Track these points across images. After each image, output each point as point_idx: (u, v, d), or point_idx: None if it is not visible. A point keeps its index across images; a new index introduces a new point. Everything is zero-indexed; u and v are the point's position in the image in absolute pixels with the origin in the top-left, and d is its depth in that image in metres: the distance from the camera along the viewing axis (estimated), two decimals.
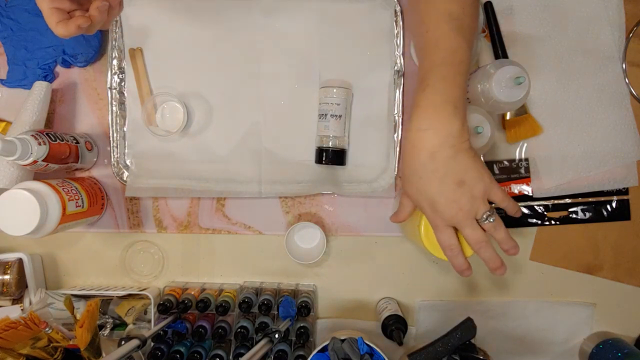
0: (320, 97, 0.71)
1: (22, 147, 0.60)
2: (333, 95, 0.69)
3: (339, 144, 0.70)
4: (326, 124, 0.69)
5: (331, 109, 0.69)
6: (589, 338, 0.76)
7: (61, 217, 0.62)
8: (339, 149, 0.70)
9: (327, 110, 0.69)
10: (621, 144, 0.72)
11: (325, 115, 0.69)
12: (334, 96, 0.69)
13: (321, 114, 0.70)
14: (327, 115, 0.69)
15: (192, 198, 0.75)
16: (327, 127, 0.69)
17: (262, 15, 0.72)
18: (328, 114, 0.69)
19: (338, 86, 0.69)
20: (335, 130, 0.69)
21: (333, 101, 0.69)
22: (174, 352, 0.69)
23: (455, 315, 0.75)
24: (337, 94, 0.69)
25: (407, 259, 0.76)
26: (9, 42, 0.73)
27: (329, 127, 0.69)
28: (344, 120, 0.70)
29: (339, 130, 0.69)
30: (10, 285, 0.72)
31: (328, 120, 0.69)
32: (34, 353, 0.60)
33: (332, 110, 0.69)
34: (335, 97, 0.69)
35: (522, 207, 0.75)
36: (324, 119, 0.69)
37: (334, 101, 0.69)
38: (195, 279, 0.77)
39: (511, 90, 0.60)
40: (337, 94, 0.69)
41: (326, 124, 0.69)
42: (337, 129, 0.69)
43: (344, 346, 0.63)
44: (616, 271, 0.76)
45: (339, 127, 0.69)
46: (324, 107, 0.70)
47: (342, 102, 0.69)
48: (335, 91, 0.69)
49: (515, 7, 0.72)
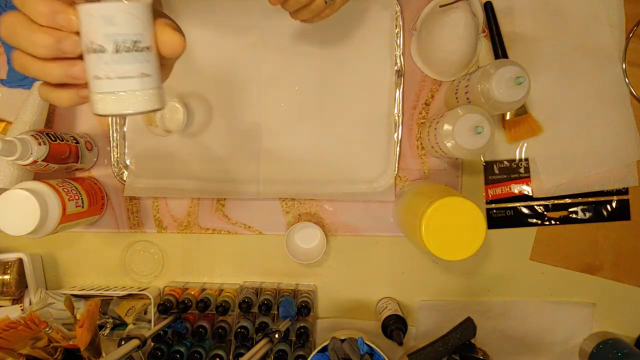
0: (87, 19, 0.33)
1: (22, 147, 0.60)
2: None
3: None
4: (116, 66, 0.33)
5: (124, 32, 0.33)
6: (589, 338, 0.76)
7: (61, 217, 0.62)
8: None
9: (114, 37, 0.32)
10: (621, 144, 0.73)
11: (115, 47, 0.32)
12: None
13: (99, 47, 0.32)
14: (117, 47, 0.32)
15: (192, 198, 0.75)
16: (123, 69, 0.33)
17: (262, 15, 0.72)
18: (121, 42, 0.32)
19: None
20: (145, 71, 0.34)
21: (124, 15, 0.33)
22: (174, 352, 0.69)
23: (455, 315, 0.75)
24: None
25: (407, 259, 0.76)
26: None
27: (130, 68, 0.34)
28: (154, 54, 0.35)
29: (151, 68, 0.35)
30: (10, 285, 0.72)
31: (122, 56, 0.33)
32: (34, 353, 0.60)
33: (125, 33, 0.33)
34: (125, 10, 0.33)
35: (522, 207, 0.75)
36: (116, 54, 0.33)
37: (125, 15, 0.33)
38: (195, 279, 0.77)
39: (511, 90, 0.60)
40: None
41: (116, 64, 0.33)
42: (148, 67, 0.34)
43: (344, 346, 0.63)
44: (616, 271, 0.76)
45: (150, 65, 0.34)
46: (105, 33, 0.32)
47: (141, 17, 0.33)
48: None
49: (515, 7, 0.72)
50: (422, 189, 0.69)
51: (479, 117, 0.61)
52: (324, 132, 0.74)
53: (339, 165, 0.74)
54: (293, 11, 0.56)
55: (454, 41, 0.67)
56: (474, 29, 0.67)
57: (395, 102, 0.73)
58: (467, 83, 0.65)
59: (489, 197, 0.74)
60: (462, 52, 0.68)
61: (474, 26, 0.67)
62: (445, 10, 0.66)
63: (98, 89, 0.34)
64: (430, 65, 0.72)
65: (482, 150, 0.62)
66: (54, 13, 0.32)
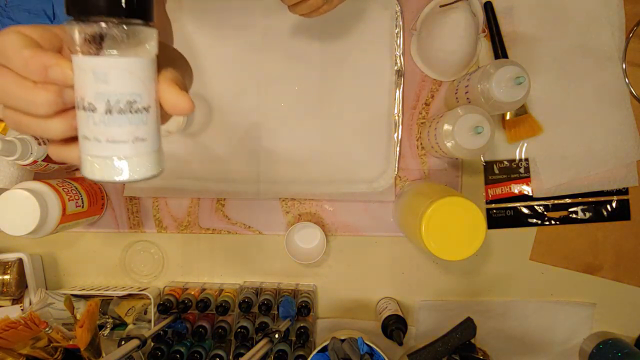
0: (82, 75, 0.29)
1: (22, 147, 0.60)
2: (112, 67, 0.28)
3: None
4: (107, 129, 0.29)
5: (118, 92, 0.29)
6: (589, 338, 0.76)
7: (61, 217, 0.62)
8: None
9: (107, 97, 0.28)
10: (621, 144, 0.73)
11: (106, 107, 0.29)
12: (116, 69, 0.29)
13: (89, 105, 0.29)
14: (109, 107, 0.29)
15: (192, 198, 0.75)
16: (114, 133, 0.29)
17: (263, 15, 0.72)
18: (114, 103, 0.29)
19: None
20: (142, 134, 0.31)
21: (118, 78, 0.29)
22: (174, 352, 0.69)
23: (455, 315, 0.75)
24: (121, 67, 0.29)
25: (407, 259, 0.76)
26: None
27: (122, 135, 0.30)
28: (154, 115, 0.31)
29: (149, 132, 0.31)
30: (10, 285, 0.72)
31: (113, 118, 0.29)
32: (34, 353, 0.60)
33: (119, 93, 0.29)
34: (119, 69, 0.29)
35: (522, 207, 0.75)
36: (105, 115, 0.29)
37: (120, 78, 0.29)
38: (195, 279, 0.77)
39: (511, 90, 0.60)
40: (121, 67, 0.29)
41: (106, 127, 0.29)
42: (146, 132, 0.31)
43: (344, 346, 0.63)
44: (616, 271, 0.76)
45: (146, 128, 0.31)
46: (95, 90, 0.28)
47: (142, 76, 0.30)
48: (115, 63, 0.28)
49: (515, 7, 0.72)
50: (422, 189, 0.69)
51: (479, 117, 0.61)
52: (324, 132, 0.74)
53: (339, 165, 0.74)
54: (291, 5, 0.56)
55: (454, 41, 0.67)
56: (474, 29, 0.67)
57: (395, 102, 0.73)
58: (467, 83, 0.65)
59: (489, 197, 0.74)
60: (462, 52, 0.68)
61: (474, 26, 0.67)
62: (445, 10, 0.66)
63: (86, 150, 0.30)
64: (430, 65, 0.72)
65: (482, 150, 0.62)
66: (46, 67, 0.28)
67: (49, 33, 0.30)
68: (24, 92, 0.29)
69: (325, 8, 0.56)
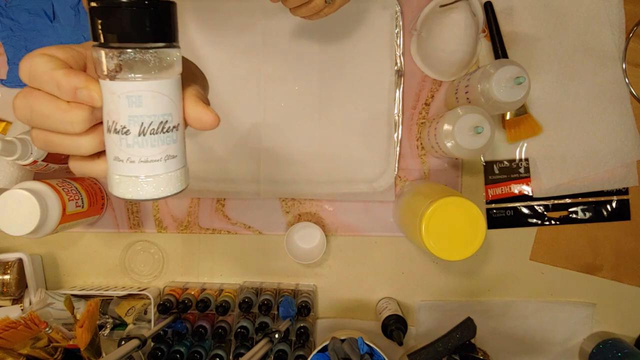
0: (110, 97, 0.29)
1: (22, 147, 0.60)
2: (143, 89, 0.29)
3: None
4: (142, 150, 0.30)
5: (151, 114, 0.30)
6: (589, 338, 0.76)
7: (61, 217, 0.62)
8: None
9: (140, 118, 0.29)
10: (621, 144, 0.73)
11: (140, 129, 0.29)
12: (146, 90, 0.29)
13: (122, 128, 0.29)
14: (143, 129, 0.30)
15: (192, 198, 0.75)
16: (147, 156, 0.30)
17: (263, 15, 0.72)
18: (148, 125, 0.30)
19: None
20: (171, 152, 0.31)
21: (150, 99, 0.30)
22: (174, 352, 0.69)
23: (455, 315, 0.75)
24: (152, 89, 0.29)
25: (407, 259, 0.76)
26: (9, 42, 0.73)
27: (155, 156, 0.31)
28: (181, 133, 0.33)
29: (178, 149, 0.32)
30: (10, 285, 0.72)
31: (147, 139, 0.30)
32: (34, 353, 0.60)
33: (152, 114, 0.30)
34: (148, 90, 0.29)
35: (522, 207, 0.75)
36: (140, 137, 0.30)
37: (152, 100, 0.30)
38: (195, 279, 0.77)
39: (511, 90, 0.60)
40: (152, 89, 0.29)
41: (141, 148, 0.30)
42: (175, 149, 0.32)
43: (344, 346, 0.63)
44: (616, 271, 0.76)
45: (176, 146, 0.32)
46: (128, 114, 0.29)
47: (171, 96, 0.30)
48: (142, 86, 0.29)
49: (515, 7, 0.72)
50: (422, 189, 0.69)
51: (479, 117, 0.61)
52: (324, 132, 0.74)
53: (339, 165, 0.74)
54: (293, 8, 0.56)
55: (454, 41, 0.67)
56: (474, 29, 0.67)
57: (395, 102, 0.73)
58: (467, 83, 0.65)
59: (489, 197, 0.74)
60: (462, 52, 0.68)
61: (474, 26, 0.67)
62: (445, 10, 0.66)
63: (118, 171, 0.30)
64: (430, 65, 0.72)
65: (482, 150, 0.62)
66: (75, 89, 0.29)
67: (74, 52, 0.31)
68: (59, 112, 0.29)
69: (327, 11, 0.56)
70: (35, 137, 0.31)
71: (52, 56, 0.30)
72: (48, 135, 0.31)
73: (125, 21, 0.27)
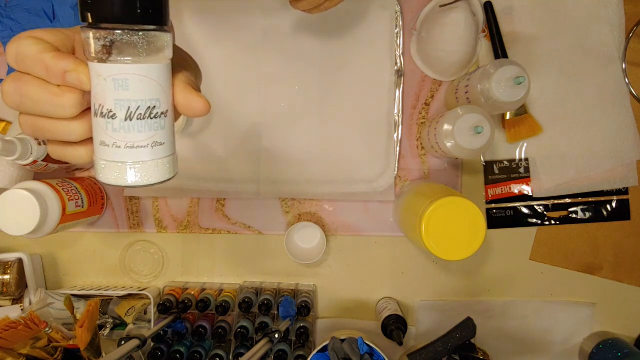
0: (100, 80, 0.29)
1: (22, 147, 0.60)
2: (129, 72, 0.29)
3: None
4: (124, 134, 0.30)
5: (138, 98, 0.29)
6: (589, 338, 0.76)
7: (61, 217, 0.62)
8: None
9: (127, 102, 0.29)
10: (621, 144, 0.73)
11: (126, 114, 0.29)
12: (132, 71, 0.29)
13: (109, 112, 0.29)
14: (129, 114, 0.29)
15: (192, 198, 0.75)
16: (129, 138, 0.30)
17: (263, 15, 0.72)
18: (135, 109, 0.29)
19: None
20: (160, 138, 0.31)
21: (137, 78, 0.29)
22: (174, 352, 0.69)
23: (455, 315, 0.75)
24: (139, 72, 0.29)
25: (407, 259, 0.76)
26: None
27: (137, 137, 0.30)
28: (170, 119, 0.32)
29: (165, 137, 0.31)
30: (10, 285, 0.72)
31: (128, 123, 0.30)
32: (34, 353, 0.60)
33: (140, 99, 0.29)
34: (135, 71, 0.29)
35: (522, 207, 0.75)
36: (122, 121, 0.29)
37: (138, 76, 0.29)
38: (195, 279, 0.77)
39: (511, 90, 0.60)
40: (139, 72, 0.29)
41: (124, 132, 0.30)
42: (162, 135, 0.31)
43: (344, 346, 0.63)
44: (616, 271, 0.76)
45: (164, 133, 0.31)
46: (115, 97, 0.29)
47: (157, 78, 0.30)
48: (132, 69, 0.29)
49: (515, 7, 0.72)
50: (422, 189, 0.69)
51: (479, 117, 0.61)
52: (324, 132, 0.74)
53: (339, 165, 0.74)
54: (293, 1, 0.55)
55: (454, 41, 0.67)
56: (474, 29, 0.67)
57: (395, 102, 0.73)
58: (467, 83, 0.65)
59: (489, 197, 0.74)
60: (462, 52, 0.68)
61: (474, 26, 0.67)
62: (445, 10, 0.66)
63: (104, 156, 0.30)
64: (430, 65, 0.72)
65: (482, 150, 0.62)
66: (64, 72, 0.28)
67: (62, 35, 0.30)
68: (50, 96, 0.28)
69: (327, 5, 0.56)
70: (24, 122, 0.30)
71: (39, 39, 0.29)
72: (38, 121, 0.30)
73: (115, 2, 0.27)
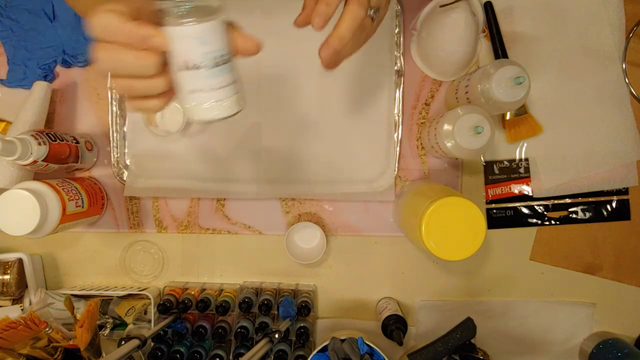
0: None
1: (22, 147, 0.60)
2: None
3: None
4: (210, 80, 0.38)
5: (216, 49, 0.37)
6: (589, 338, 0.76)
7: (61, 217, 0.62)
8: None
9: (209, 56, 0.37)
10: (621, 144, 0.73)
11: (212, 63, 0.37)
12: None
13: (194, 65, 0.37)
14: (215, 62, 0.37)
15: (192, 198, 0.75)
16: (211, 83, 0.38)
17: (263, 15, 0.72)
18: (215, 58, 0.37)
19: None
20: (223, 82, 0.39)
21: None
22: (174, 352, 0.69)
23: (455, 315, 0.75)
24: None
25: (407, 259, 0.76)
26: (9, 42, 0.73)
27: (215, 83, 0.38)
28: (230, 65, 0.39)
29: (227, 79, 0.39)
30: (10, 285, 0.72)
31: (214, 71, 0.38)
32: (34, 353, 0.60)
33: (217, 49, 0.37)
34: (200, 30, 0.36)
35: (522, 207, 0.75)
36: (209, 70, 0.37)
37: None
38: (195, 279, 0.77)
39: (511, 90, 0.60)
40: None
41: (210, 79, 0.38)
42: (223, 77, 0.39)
43: (344, 346, 0.63)
44: (616, 271, 0.76)
45: (235, 72, 0.40)
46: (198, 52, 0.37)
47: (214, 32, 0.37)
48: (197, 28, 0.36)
49: (515, 7, 0.72)
50: (422, 189, 0.69)
51: (479, 117, 0.61)
52: (324, 131, 0.74)
53: (339, 165, 0.74)
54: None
55: (454, 41, 0.67)
56: (474, 29, 0.67)
57: (395, 102, 0.73)
58: (467, 83, 0.65)
59: (489, 197, 0.74)
60: (462, 52, 0.68)
61: (474, 26, 0.67)
62: (445, 10, 0.66)
63: (194, 101, 0.38)
64: (430, 65, 0.72)
65: (482, 150, 0.62)
66: (145, 37, 0.34)
67: (131, 5, 0.36)
68: (135, 58, 0.35)
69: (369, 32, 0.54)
70: (117, 83, 0.37)
71: (118, 11, 0.34)
72: (127, 81, 0.37)
73: None
